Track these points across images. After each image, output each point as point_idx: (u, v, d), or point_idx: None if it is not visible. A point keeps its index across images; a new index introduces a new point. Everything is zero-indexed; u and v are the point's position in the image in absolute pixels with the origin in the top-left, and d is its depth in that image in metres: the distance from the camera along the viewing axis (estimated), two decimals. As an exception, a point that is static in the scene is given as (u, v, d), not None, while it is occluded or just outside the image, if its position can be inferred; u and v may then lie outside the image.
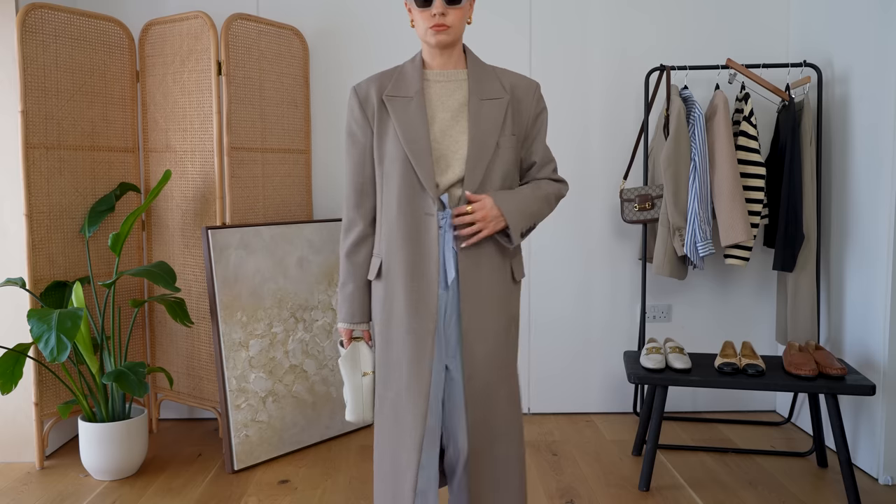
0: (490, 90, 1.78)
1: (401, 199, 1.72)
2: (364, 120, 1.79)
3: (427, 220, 1.71)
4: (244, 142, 3.05)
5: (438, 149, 1.73)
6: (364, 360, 1.85)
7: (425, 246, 1.72)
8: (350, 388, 1.84)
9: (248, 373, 2.84)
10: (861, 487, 2.62)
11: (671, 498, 2.55)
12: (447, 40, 1.72)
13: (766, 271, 3.39)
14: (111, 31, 3.07)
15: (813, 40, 3.15)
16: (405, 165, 1.72)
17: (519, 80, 1.84)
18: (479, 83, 1.78)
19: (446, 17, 1.69)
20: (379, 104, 1.77)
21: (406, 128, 1.72)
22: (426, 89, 1.77)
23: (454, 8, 1.70)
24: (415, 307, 1.72)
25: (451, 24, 1.70)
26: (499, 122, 1.77)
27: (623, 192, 3.12)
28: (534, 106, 1.84)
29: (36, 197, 2.82)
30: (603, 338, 3.44)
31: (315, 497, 2.59)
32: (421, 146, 1.71)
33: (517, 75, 1.85)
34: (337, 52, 3.37)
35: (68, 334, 2.44)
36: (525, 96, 1.83)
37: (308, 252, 3.06)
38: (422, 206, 1.72)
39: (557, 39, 3.34)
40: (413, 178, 1.72)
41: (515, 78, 1.84)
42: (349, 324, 1.85)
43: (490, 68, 1.83)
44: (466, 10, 1.74)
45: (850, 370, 2.58)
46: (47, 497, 2.61)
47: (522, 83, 1.84)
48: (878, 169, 2.71)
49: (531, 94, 1.84)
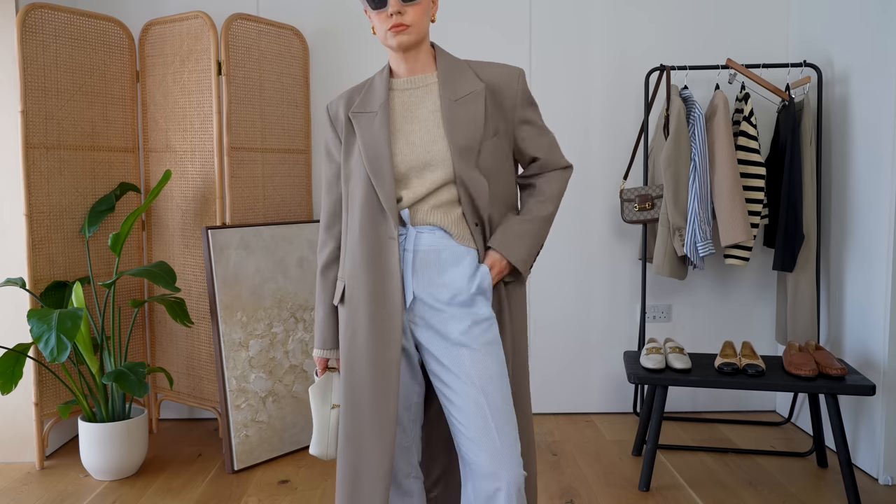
0: (462, 87, 1.64)
1: (363, 221, 1.62)
2: (335, 139, 1.71)
3: (388, 243, 1.60)
4: (244, 142, 3.05)
5: (407, 163, 1.61)
6: (336, 391, 1.77)
7: (387, 270, 1.60)
8: (317, 420, 1.75)
9: (248, 373, 2.84)
10: (861, 487, 2.62)
11: (671, 498, 2.55)
12: (409, 41, 1.60)
13: (766, 271, 3.39)
14: (111, 31, 3.07)
15: (813, 40, 3.15)
16: (367, 186, 1.61)
17: (498, 69, 1.68)
18: (450, 83, 1.64)
19: (404, 15, 1.57)
20: (346, 122, 1.68)
21: (368, 146, 1.62)
22: (392, 100, 1.66)
23: (411, 5, 1.57)
24: (378, 336, 1.60)
25: (411, 23, 1.58)
26: (479, 119, 1.62)
27: (623, 192, 3.12)
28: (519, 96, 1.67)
29: (36, 197, 2.82)
30: (603, 338, 3.44)
31: (315, 497, 2.59)
32: (381, 164, 1.60)
33: (497, 65, 1.69)
34: (337, 52, 3.38)
35: (68, 334, 2.44)
36: (507, 86, 1.66)
37: (308, 252, 3.06)
38: (384, 229, 1.61)
39: (557, 39, 3.35)
40: (374, 199, 1.61)
41: (494, 68, 1.68)
42: (322, 350, 1.75)
43: (464, 63, 1.68)
44: (427, 6, 1.61)
45: (850, 370, 2.58)
46: (47, 497, 2.61)
47: (502, 71, 1.67)
48: (878, 169, 2.71)
49: (514, 82, 1.67)
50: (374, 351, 1.60)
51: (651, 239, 3.19)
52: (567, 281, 3.42)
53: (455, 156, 1.59)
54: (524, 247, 1.66)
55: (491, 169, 1.65)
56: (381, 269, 1.61)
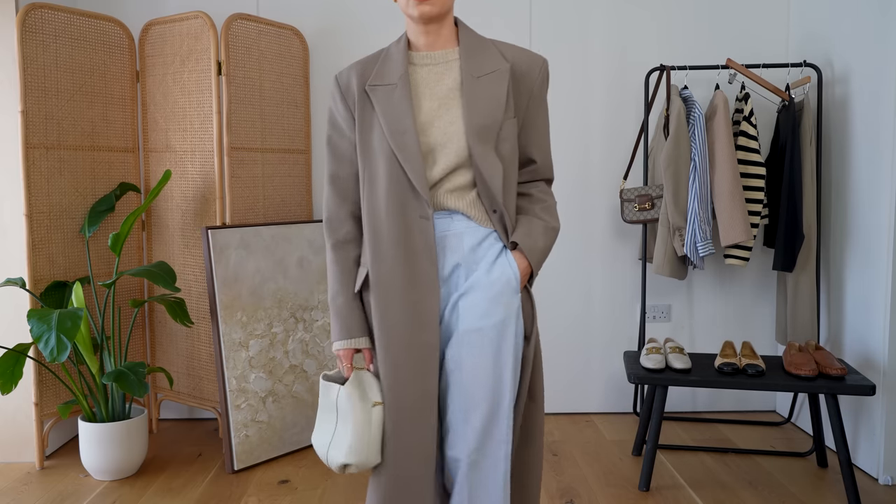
0: (486, 64, 1.54)
1: (389, 201, 1.52)
2: (347, 112, 1.59)
3: (421, 224, 1.51)
4: (244, 142, 3.05)
5: (424, 143, 1.52)
6: (372, 387, 1.56)
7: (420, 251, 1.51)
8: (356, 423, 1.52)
9: (248, 373, 2.84)
10: (861, 487, 2.62)
11: (671, 498, 2.55)
12: (432, 12, 1.49)
13: (766, 271, 3.39)
14: (111, 31, 3.07)
15: (813, 40, 3.15)
16: (391, 162, 1.51)
17: (523, 53, 1.59)
18: (472, 60, 1.54)
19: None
20: (360, 94, 1.56)
21: (391, 119, 1.51)
22: (411, 74, 1.56)
23: None
24: (416, 320, 1.51)
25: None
26: (501, 98, 1.52)
27: (623, 192, 3.12)
28: (538, 85, 1.59)
29: (36, 197, 2.82)
30: (603, 338, 3.44)
31: (315, 497, 2.59)
32: (407, 140, 1.50)
33: (522, 49, 1.60)
34: (337, 52, 3.38)
35: (68, 334, 2.44)
36: (529, 71, 1.57)
37: (308, 252, 3.06)
38: (414, 209, 1.52)
39: (557, 39, 3.34)
40: (401, 176, 1.51)
41: (519, 51, 1.59)
42: (349, 340, 1.58)
43: (489, 41, 1.59)
44: None
45: (850, 370, 2.58)
46: (47, 497, 2.61)
47: (526, 56, 1.58)
48: (878, 169, 2.71)
49: (536, 69, 1.58)
50: (412, 336, 1.51)
51: (651, 239, 3.19)
52: (567, 281, 3.42)
53: (470, 135, 1.50)
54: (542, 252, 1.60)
55: (508, 154, 1.56)
56: (414, 251, 1.52)
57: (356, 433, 1.52)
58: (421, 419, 1.52)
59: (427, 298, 1.52)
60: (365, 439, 1.52)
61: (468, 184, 1.55)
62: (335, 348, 1.60)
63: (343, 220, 1.63)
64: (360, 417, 1.53)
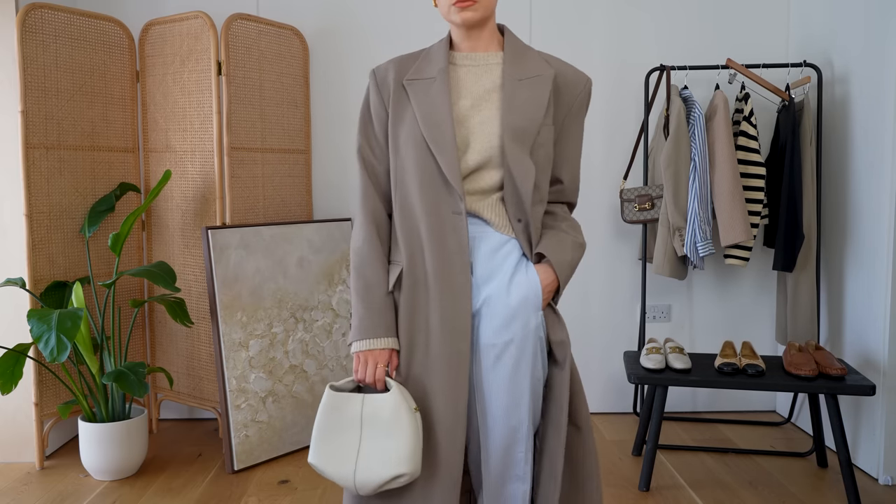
0: (530, 68, 1.50)
1: (422, 196, 1.46)
2: (381, 105, 1.54)
3: (454, 220, 1.45)
4: (244, 142, 3.05)
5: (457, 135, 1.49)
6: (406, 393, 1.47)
7: (454, 250, 1.45)
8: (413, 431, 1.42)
9: (248, 373, 2.84)
10: (861, 487, 2.62)
11: (671, 498, 2.55)
12: (474, 18, 1.47)
13: (766, 271, 3.39)
14: (111, 31, 3.07)
15: (813, 40, 3.15)
16: (424, 155, 1.46)
17: (568, 67, 1.55)
18: (516, 64, 1.50)
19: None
20: (397, 88, 1.52)
21: (426, 111, 1.47)
22: (451, 72, 1.53)
23: None
24: (449, 325, 1.45)
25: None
26: (543, 101, 1.48)
27: (623, 192, 3.12)
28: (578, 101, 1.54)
29: (36, 197, 2.82)
30: (603, 338, 3.44)
31: (315, 497, 2.58)
32: (442, 131, 1.45)
33: (567, 63, 1.56)
34: (337, 52, 3.37)
35: (68, 334, 2.44)
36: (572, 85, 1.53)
37: (308, 252, 3.06)
38: (448, 204, 1.45)
39: (557, 39, 3.34)
40: (434, 170, 1.46)
41: (564, 64, 1.55)
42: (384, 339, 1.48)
43: (533, 50, 1.56)
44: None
45: (850, 370, 2.58)
46: (47, 497, 2.61)
47: (571, 71, 1.54)
48: (878, 169, 2.71)
49: (580, 86, 1.54)
50: (445, 344, 1.44)
51: (651, 239, 3.19)
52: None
53: (506, 133, 1.45)
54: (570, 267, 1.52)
55: (543, 162, 1.50)
56: (447, 250, 1.45)
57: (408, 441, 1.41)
58: (451, 432, 1.45)
59: (461, 303, 1.45)
60: (420, 446, 1.43)
61: (492, 186, 1.49)
62: (365, 347, 1.48)
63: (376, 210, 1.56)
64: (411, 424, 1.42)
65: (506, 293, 1.48)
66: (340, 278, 3.17)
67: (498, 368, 1.47)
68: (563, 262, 1.51)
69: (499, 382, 1.47)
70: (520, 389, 1.47)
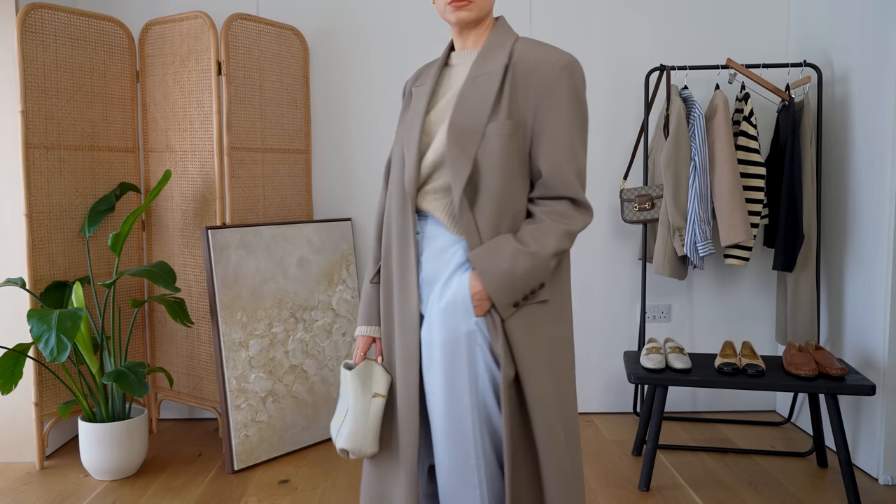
0: (489, 64, 1.46)
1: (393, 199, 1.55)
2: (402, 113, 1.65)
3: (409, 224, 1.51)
4: (244, 142, 3.05)
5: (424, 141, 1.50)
6: (377, 378, 1.57)
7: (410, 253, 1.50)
8: (355, 409, 1.54)
9: (248, 373, 2.84)
10: (861, 487, 2.62)
11: (671, 498, 2.55)
12: (469, 17, 1.47)
13: (766, 271, 3.39)
14: (111, 31, 3.07)
15: (813, 40, 3.15)
16: (400, 157, 1.55)
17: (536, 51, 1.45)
18: (481, 60, 1.47)
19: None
20: (407, 96, 1.62)
21: (409, 116, 1.55)
22: (444, 75, 1.55)
23: None
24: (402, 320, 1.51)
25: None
26: (488, 99, 1.42)
27: (623, 192, 3.12)
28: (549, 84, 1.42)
29: (36, 197, 2.82)
30: (603, 338, 3.44)
31: (315, 497, 2.59)
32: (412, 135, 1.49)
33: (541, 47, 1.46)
34: (337, 52, 3.38)
35: (68, 334, 2.44)
36: (536, 70, 1.43)
37: (308, 252, 3.06)
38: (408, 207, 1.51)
39: (557, 39, 3.34)
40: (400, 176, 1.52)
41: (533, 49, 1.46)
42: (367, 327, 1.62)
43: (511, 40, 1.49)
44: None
45: (850, 370, 2.58)
46: (47, 497, 2.61)
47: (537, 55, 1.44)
48: (878, 169, 2.71)
49: (547, 67, 1.42)
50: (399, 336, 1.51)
51: (651, 239, 3.19)
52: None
53: (450, 136, 1.43)
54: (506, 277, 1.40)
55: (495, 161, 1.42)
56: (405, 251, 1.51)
57: (353, 420, 1.54)
58: (407, 420, 1.50)
59: (411, 301, 1.50)
60: (361, 428, 1.53)
61: (445, 187, 1.49)
62: (355, 333, 1.65)
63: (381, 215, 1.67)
64: (358, 406, 1.54)
65: (439, 295, 1.48)
66: (340, 278, 3.17)
67: (432, 369, 1.49)
68: (492, 270, 1.40)
69: (434, 381, 1.49)
70: (458, 394, 1.45)
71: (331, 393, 3.11)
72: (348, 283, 3.20)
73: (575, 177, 1.44)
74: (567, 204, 1.45)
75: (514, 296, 1.42)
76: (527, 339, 1.45)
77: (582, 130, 1.45)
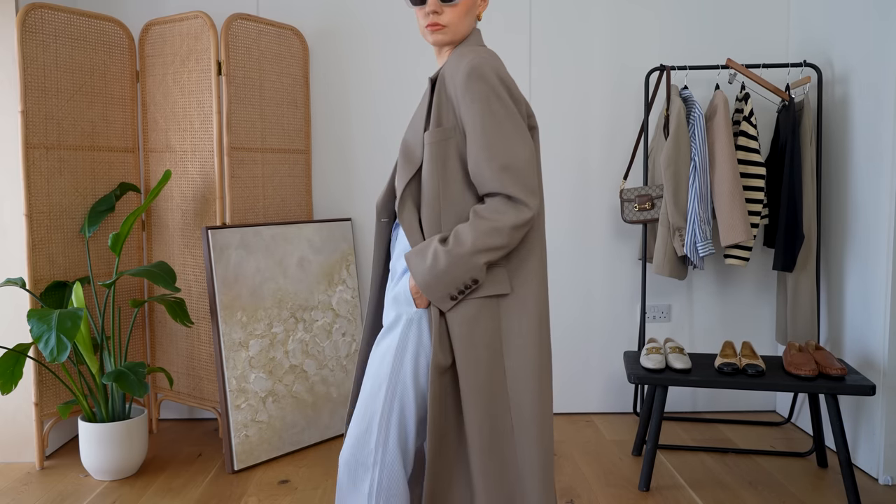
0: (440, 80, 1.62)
1: None
2: None
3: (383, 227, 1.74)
4: (244, 142, 3.05)
5: None
6: None
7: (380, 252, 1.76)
8: None
9: (248, 373, 2.84)
10: (861, 487, 2.62)
11: (671, 498, 2.55)
12: (444, 40, 1.61)
13: (766, 271, 3.39)
14: (111, 31, 3.07)
15: (813, 40, 3.15)
16: None
17: (456, 61, 1.56)
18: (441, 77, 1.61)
19: (441, 15, 1.57)
20: None
21: None
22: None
23: (449, 5, 1.57)
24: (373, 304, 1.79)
25: (447, 24, 1.57)
26: (422, 113, 1.59)
27: (623, 193, 3.12)
28: (459, 91, 1.51)
29: (36, 197, 2.82)
30: (603, 338, 3.44)
31: (315, 497, 2.59)
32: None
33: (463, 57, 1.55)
34: (337, 52, 3.38)
35: (68, 334, 2.44)
36: (451, 78, 1.55)
37: (308, 252, 3.06)
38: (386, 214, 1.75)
39: (557, 39, 3.34)
40: None
41: (456, 60, 1.57)
42: None
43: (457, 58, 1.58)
44: (468, 6, 1.58)
45: (850, 370, 2.58)
46: (47, 497, 2.61)
47: (453, 64, 1.56)
48: (878, 169, 2.71)
49: (458, 75, 1.52)
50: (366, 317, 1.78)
51: (651, 239, 3.19)
52: (567, 280, 3.42)
53: (400, 149, 1.61)
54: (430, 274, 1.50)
55: (431, 166, 1.54)
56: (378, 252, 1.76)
57: None
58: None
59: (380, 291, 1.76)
60: None
61: None
62: None
63: None
64: None
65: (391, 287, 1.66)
66: (340, 278, 3.17)
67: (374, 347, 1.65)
68: (419, 268, 1.51)
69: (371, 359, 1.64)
70: (380, 373, 1.58)
71: (331, 393, 3.11)
72: (348, 284, 3.20)
73: (499, 172, 1.48)
74: (500, 200, 1.50)
75: (444, 290, 1.51)
76: (467, 330, 1.53)
77: (500, 127, 1.49)
